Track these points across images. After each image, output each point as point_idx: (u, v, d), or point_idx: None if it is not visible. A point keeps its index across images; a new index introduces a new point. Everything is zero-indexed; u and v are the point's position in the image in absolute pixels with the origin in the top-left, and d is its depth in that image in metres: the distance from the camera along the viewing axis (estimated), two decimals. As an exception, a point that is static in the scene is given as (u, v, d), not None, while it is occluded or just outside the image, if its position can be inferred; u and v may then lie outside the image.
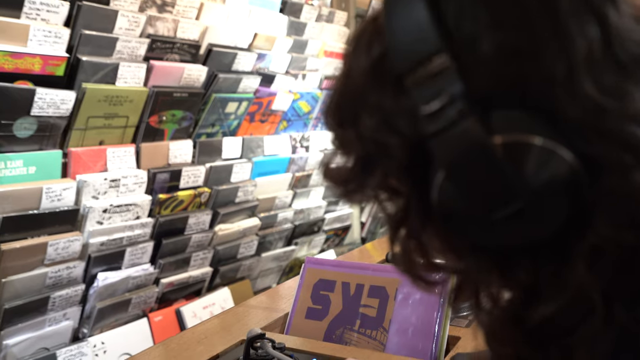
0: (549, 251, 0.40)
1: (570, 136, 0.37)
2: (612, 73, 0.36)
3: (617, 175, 0.36)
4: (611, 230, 0.37)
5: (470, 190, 0.39)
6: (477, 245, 0.42)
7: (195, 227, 2.55)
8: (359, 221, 3.83)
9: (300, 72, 3.16)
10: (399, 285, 1.12)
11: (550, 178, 0.37)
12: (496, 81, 0.38)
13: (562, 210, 0.38)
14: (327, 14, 3.39)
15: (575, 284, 0.38)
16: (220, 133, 2.74)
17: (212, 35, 2.54)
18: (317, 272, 1.22)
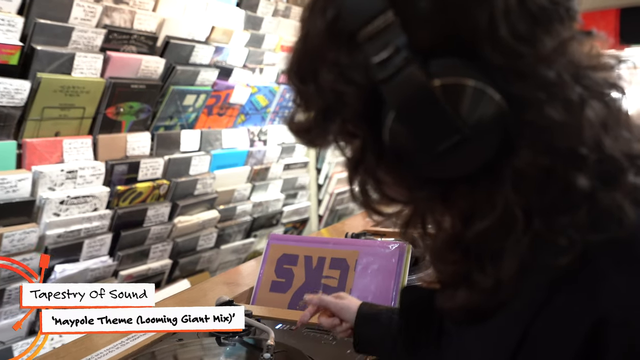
0: (482, 178, 0.46)
1: (497, 79, 0.43)
2: (525, 22, 0.42)
3: (534, 110, 0.43)
4: (531, 156, 0.43)
5: (415, 128, 0.45)
6: (423, 178, 0.48)
7: (154, 219, 2.55)
8: (317, 214, 3.90)
9: (257, 66, 3.20)
10: (359, 257, 1.18)
11: (482, 114, 0.43)
12: (434, 33, 0.44)
13: (493, 142, 0.44)
14: (283, 9, 3.44)
15: (503, 203, 0.45)
16: (178, 126, 2.75)
17: (170, 27, 2.55)
18: (280, 248, 1.27)
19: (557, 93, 0.43)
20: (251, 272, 1.41)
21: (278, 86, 3.36)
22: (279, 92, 3.35)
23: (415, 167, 0.47)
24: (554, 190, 0.44)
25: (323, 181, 3.96)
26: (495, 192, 0.46)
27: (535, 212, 0.45)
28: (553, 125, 0.43)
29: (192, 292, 1.32)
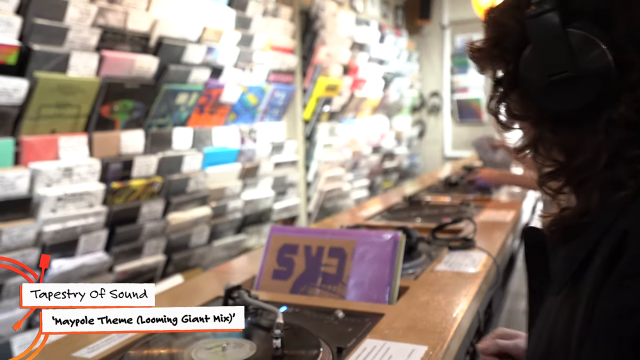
0: (583, 120, 0.59)
1: (617, 45, 0.56)
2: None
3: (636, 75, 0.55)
4: (626, 111, 0.55)
5: (541, 58, 0.59)
6: (540, 109, 0.61)
7: (149, 216, 2.58)
8: (306, 211, 3.96)
9: (247, 65, 3.25)
10: (356, 246, 1.24)
11: (592, 63, 0.56)
12: (583, 5, 0.58)
13: (596, 88, 0.56)
14: (272, 9, 3.49)
15: (595, 144, 0.57)
16: (171, 124, 2.79)
17: (162, 27, 2.59)
18: (281, 238, 1.33)
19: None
20: (252, 263, 1.46)
21: (268, 85, 3.41)
22: (268, 91, 3.41)
23: (534, 94, 0.60)
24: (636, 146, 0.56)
25: (312, 179, 4.03)
26: (591, 133, 0.57)
27: (619, 158, 0.56)
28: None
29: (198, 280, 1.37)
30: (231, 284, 1.04)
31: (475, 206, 2.19)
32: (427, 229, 1.68)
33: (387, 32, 5.17)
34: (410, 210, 2.13)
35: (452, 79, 5.91)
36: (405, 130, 5.68)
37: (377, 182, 5.08)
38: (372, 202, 2.49)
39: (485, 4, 3.59)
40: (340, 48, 4.24)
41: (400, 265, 1.20)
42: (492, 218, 1.91)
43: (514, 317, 2.54)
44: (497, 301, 1.67)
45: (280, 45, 3.57)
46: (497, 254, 1.45)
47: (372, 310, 1.08)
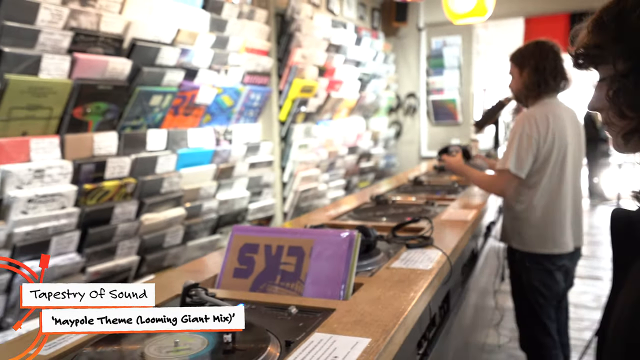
0: None
1: None
2: None
3: None
4: None
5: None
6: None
7: (122, 217, 2.61)
8: (282, 211, 4.01)
9: (222, 67, 3.29)
10: (314, 245, 1.30)
11: None
12: None
13: None
14: (248, 11, 3.53)
15: None
16: (145, 125, 2.82)
17: (136, 29, 2.62)
18: (243, 238, 1.38)
19: None
20: (215, 262, 1.51)
21: (243, 87, 3.45)
22: (244, 93, 3.45)
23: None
24: None
25: (287, 179, 4.07)
26: None
27: None
28: None
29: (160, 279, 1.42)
30: (189, 282, 1.08)
31: (439, 205, 2.26)
32: (389, 228, 1.74)
33: (363, 34, 5.24)
34: (376, 210, 2.19)
35: (428, 81, 6.01)
36: (382, 131, 5.75)
37: (353, 182, 5.15)
38: (342, 201, 2.55)
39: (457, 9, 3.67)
40: (316, 50, 4.29)
41: (355, 262, 1.25)
42: (453, 217, 1.98)
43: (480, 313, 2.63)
44: (455, 297, 1.73)
45: (256, 47, 3.61)
46: (452, 252, 1.52)
47: (325, 305, 1.14)
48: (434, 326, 1.45)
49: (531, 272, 2.16)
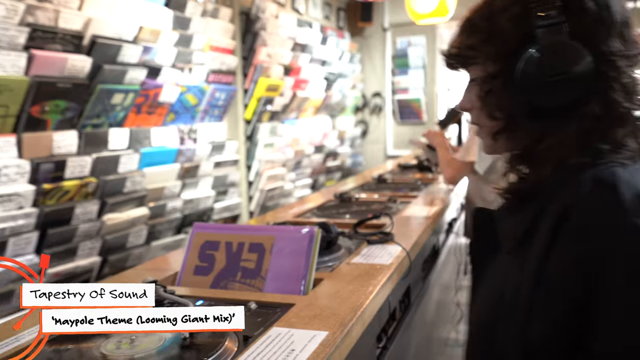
0: (559, 112, 0.71)
1: (598, 58, 0.69)
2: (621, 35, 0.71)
3: (609, 89, 0.69)
4: (594, 107, 0.70)
5: (544, 62, 0.69)
6: (528, 100, 0.71)
7: (82, 217, 2.57)
8: (248, 210, 4.00)
9: (186, 65, 3.26)
10: (274, 241, 1.30)
11: (581, 71, 0.69)
12: (575, 25, 0.70)
13: (579, 89, 0.69)
14: (212, 9, 3.51)
15: (567, 134, 0.70)
16: (106, 124, 2.77)
17: (96, 26, 2.57)
18: (203, 235, 1.37)
19: (622, 81, 0.70)
20: (176, 260, 1.50)
21: (208, 85, 3.43)
22: (208, 91, 3.43)
23: (528, 90, 0.71)
24: (596, 135, 0.70)
25: (253, 178, 4.07)
26: (563, 123, 0.72)
27: (590, 144, 0.70)
28: (615, 98, 0.70)
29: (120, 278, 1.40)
30: (147, 279, 1.08)
31: (401, 202, 2.29)
32: (352, 225, 1.76)
33: (329, 34, 5.27)
34: (339, 207, 2.21)
35: (393, 80, 6.07)
36: (348, 130, 5.79)
37: (320, 181, 5.17)
38: (306, 199, 2.56)
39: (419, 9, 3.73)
40: (282, 49, 4.29)
41: (316, 258, 1.27)
42: (415, 214, 2.02)
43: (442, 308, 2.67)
44: (416, 292, 1.76)
45: (220, 45, 3.59)
46: (412, 247, 1.55)
47: (284, 301, 1.15)
48: (394, 320, 1.48)
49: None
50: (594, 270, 0.63)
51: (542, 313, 0.66)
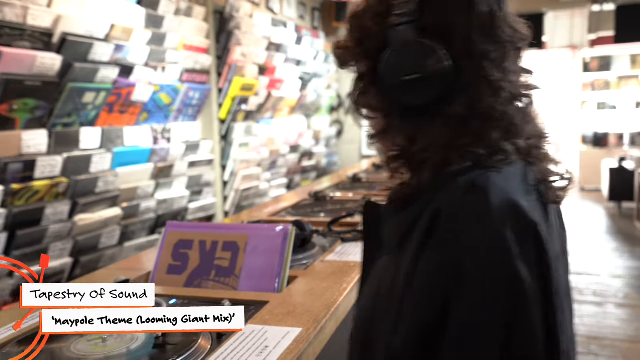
0: (426, 112, 0.70)
1: (454, 53, 0.68)
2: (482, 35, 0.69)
3: (471, 85, 0.68)
4: (458, 106, 0.68)
5: (397, 62, 0.69)
6: (393, 100, 0.71)
7: (53, 218, 2.52)
8: (223, 210, 3.98)
9: (160, 64, 3.23)
10: (248, 240, 1.30)
11: (434, 67, 0.68)
12: (433, 20, 0.69)
13: (436, 87, 0.68)
14: (185, 8, 3.48)
15: (435, 134, 0.69)
16: (77, 123, 2.73)
17: (66, 23, 2.53)
18: (177, 234, 1.36)
19: (488, 79, 0.68)
20: (149, 260, 1.49)
21: (181, 84, 3.40)
22: (182, 91, 3.40)
23: (389, 90, 0.71)
24: (467, 138, 0.68)
25: (228, 178, 4.05)
26: (431, 124, 0.70)
27: (453, 146, 0.68)
28: (479, 97, 0.68)
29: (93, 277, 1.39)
30: (119, 278, 1.07)
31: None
32: (326, 223, 1.77)
33: (304, 34, 5.27)
34: (314, 206, 2.21)
35: (369, 80, 6.11)
36: (324, 130, 5.81)
37: (295, 181, 5.17)
38: (281, 199, 2.56)
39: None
40: (257, 48, 4.28)
41: (290, 256, 1.27)
42: (389, 212, 2.03)
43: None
44: (390, 289, 1.78)
45: (194, 44, 3.57)
46: (386, 244, 1.56)
47: (258, 298, 1.15)
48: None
49: None
50: (451, 279, 0.61)
51: (408, 317, 0.64)
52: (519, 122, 0.70)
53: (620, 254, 4.71)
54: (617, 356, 2.88)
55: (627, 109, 7.44)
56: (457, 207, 0.64)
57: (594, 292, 3.80)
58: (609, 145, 7.37)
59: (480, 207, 0.63)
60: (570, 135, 7.68)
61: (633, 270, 4.25)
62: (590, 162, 7.30)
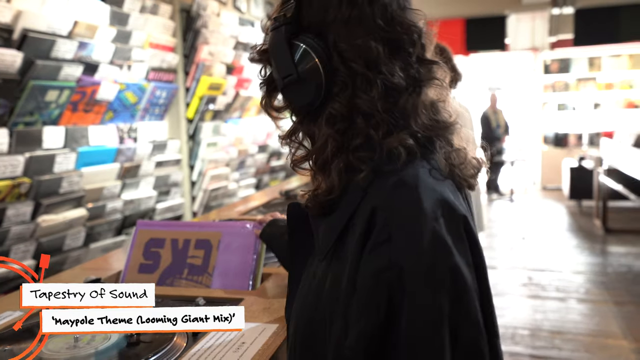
0: (315, 114, 0.72)
1: (329, 52, 0.69)
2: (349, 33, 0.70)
3: (344, 80, 0.69)
4: (339, 106, 0.69)
5: (276, 65, 0.72)
6: (286, 103, 0.75)
7: (15, 219, 2.44)
8: (191, 210, 3.93)
9: (125, 62, 3.17)
10: (221, 237, 1.29)
11: (307, 68, 0.69)
12: (309, 21, 0.71)
13: (312, 87, 0.69)
14: (151, 5, 3.43)
15: (324, 134, 0.70)
16: (40, 122, 2.65)
17: (27, 19, 2.46)
18: (148, 233, 1.34)
19: (365, 76, 0.68)
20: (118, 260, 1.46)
21: (148, 83, 3.35)
22: (148, 89, 3.34)
23: (280, 92, 0.74)
24: (357, 137, 0.68)
25: (197, 178, 4.00)
26: (320, 125, 0.71)
27: (346, 147, 0.69)
28: (354, 94, 0.68)
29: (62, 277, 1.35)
30: (90, 278, 1.05)
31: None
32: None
33: (272, 33, 5.25)
34: (285, 204, 2.22)
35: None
36: (292, 130, 5.80)
37: (264, 181, 5.15)
38: (251, 198, 2.55)
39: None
40: (224, 47, 4.25)
41: (264, 253, 1.27)
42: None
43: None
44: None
45: (160, 42, 3.51)
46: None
47: (233, 296, 1.14)
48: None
49: None
50: (394, 278, 0.62)
51: (356, 321, 0.64)
52: (409, 115, 0.69)
53: (580, 250, 4.86)
54: (579, 350, 2.97)
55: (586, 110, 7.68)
56: (391, 208, 0.64)
57: (556, 288, 3.91)
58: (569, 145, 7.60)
59: (414, 205, 0.64)
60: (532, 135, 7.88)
61: (593, 266, 4.39)
62: (551, 161, 7.52)
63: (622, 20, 6.36)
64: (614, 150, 5.06)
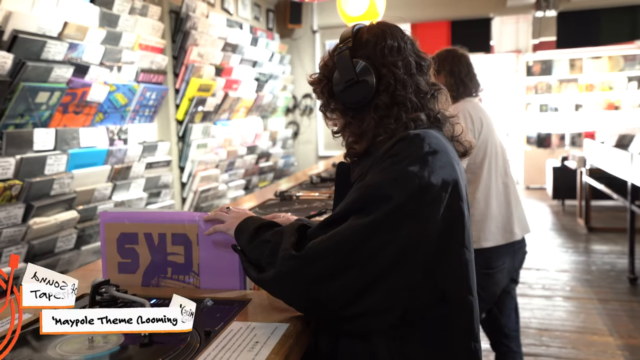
0: (365, 108, 1.05)
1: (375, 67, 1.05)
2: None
3: (389, 87, 1.04)
4: (383, 98, 1.03)
5: (341, 74, 1.05)
6: (343, 103, 1.06)
7: (6, 222, 2.42)
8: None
9: (115, 64, 3.15)
10: (199, 230, 1.17)
11: (365, 76, 1.04)
12: (361, 51, 1.07)
13: (367, 88, 1.03)
14: (140, 7, 3.42)
15: (368, 117, 1.04)
16: (30, 124, 2.63)
17: (17, 21, 2.44)
18: (116, 227, 1.21)
19: (401, 80, 1.04)
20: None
21: (137, 85, 3.34)
22: (138, 91, 3.33)
23: (339, 95, 1.05)
24: (391, 118, 1.03)
25: (187, 179, 3.99)
26: (367, 113, 1.05)
27: (381, 124, 1.03)
28: (395, 91, 1.03)
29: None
30: (99, 280, 1.05)
31: (341, 200, 2.34)
32: (295, 222, 1.78)
33: (259, 35, 5.26)
34: (281, 205, 2.22)
35: (324, 82, 6.16)
36: (280, 131, 5.81)
37: (253, 182, 5.16)
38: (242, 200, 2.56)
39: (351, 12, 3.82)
40: (213, 49, 4.24)
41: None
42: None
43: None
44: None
45: (150, 44, 3.50)
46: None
47: (240, 296, 1.15)
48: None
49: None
50: (379, 180, 0.94)
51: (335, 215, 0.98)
52: (428, 104, 1.05)
53: (565, 249, 4.94)
54: (566, 346, 3.02)
55: (568, 111, 7.81)
56: (399, 147, 0.96)
57: (543, 286, 3.98)
58: (552, 145, 7.72)
59: (416, 144, 0.95)
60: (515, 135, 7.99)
61: (577, 264, 4.48)
62: (534, 161, 7.62)
63: (602, 23, 6.48)
64: (597, 151, 5.17)
